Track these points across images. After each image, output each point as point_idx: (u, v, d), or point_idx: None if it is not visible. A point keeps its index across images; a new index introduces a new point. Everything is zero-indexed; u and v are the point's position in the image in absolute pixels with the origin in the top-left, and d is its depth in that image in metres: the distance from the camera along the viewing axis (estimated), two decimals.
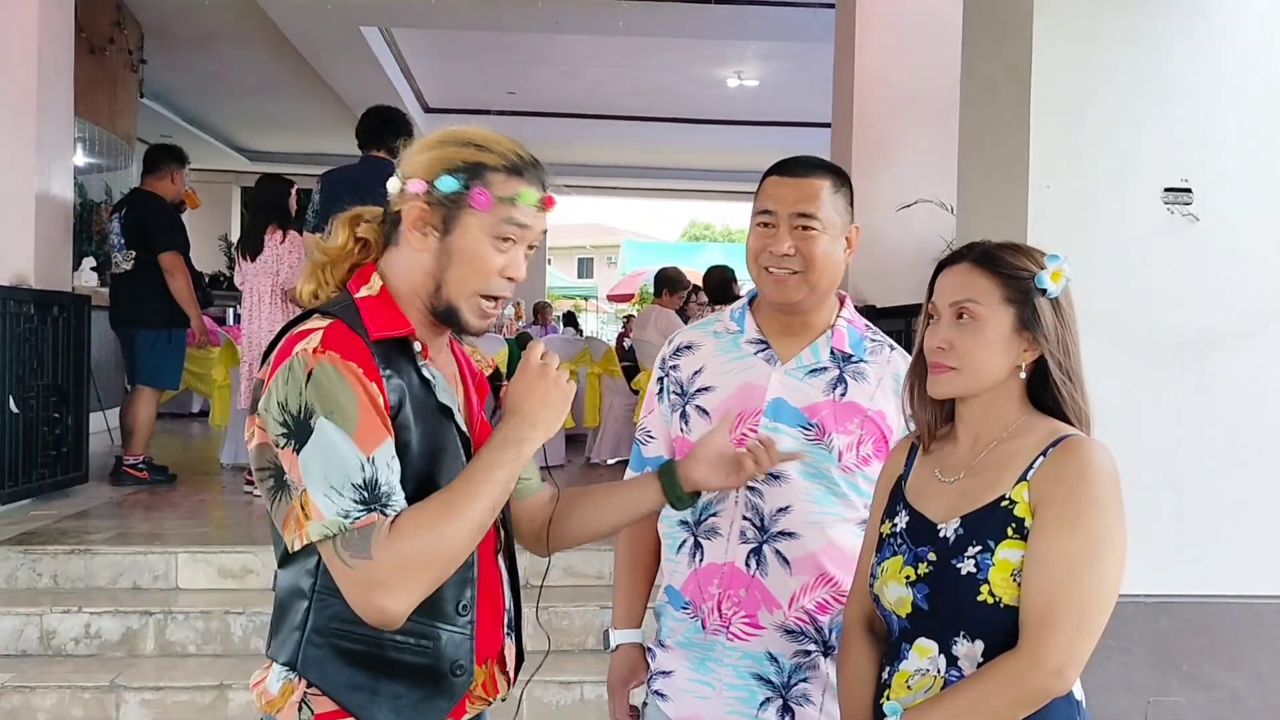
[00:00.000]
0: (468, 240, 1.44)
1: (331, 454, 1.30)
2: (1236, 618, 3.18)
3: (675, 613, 1.92)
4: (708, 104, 11.54)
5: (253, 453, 1.38)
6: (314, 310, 1.43)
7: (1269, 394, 3.18)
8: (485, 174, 1.44)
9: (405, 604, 1.32)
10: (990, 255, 1.61)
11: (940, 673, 1.55)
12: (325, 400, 1.31)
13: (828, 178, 1.86)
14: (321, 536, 1.30)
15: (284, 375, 1.33)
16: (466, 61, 10.25)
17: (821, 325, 1.91)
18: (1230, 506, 3.16)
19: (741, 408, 1.85)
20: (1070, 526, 1.47)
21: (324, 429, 1.30)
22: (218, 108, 12.02)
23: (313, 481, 1.30)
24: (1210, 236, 3.17)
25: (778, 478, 1.83)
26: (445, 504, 1.36)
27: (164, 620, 3.88)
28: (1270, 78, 3.20)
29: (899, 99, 5.46)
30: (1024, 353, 1.59)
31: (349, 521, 1.30)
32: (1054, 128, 3.17)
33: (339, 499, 1.30)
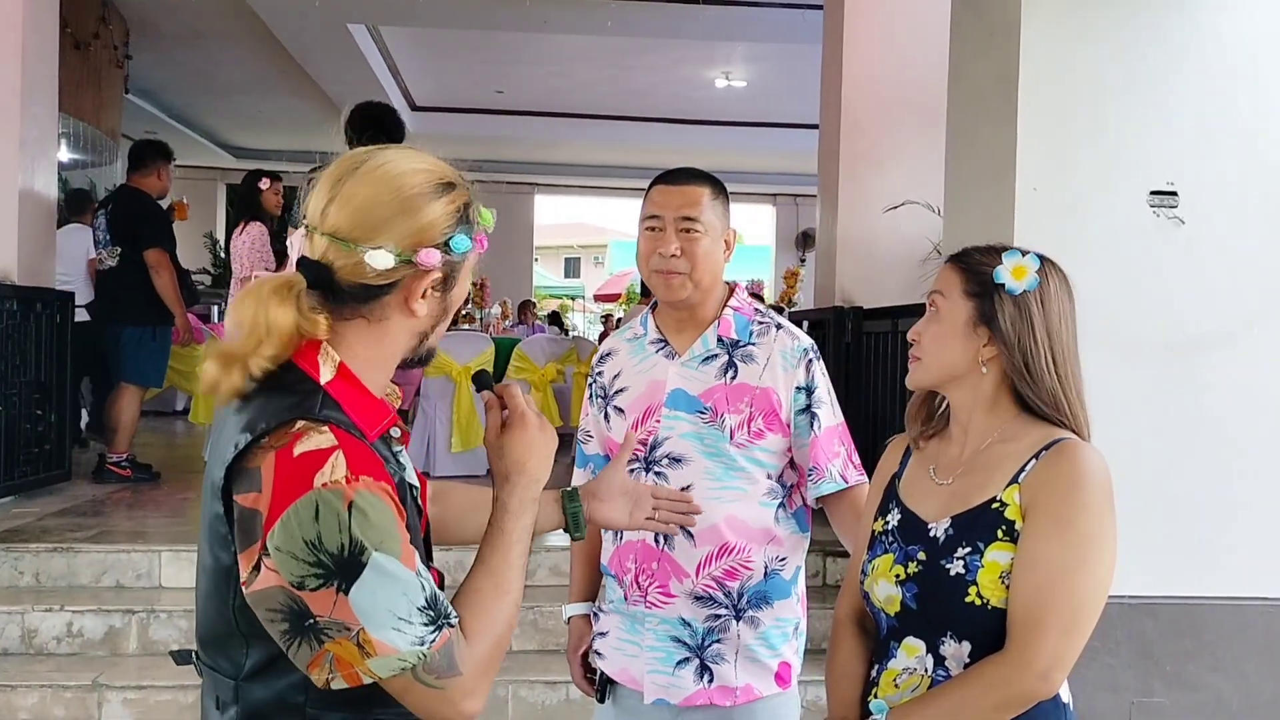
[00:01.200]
0: (463, 287, 1.36)
1: (393, 587, 1.18)
2: (1221, 619, 3.20)
3: (609, 582, 2.16)
4: (695, 105, 11.55)
5: (256, 596, 1.18)
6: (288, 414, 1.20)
7: (1254, 395, 3.20)
8: (470, 214, 1.33)
9: (484, 700, 1.28)
10: (964, 252, 1.65)
11: (928, 672, 1.55)
12: (373, 533, 1.17)
13: (707, 186, 2.06)
14: (396, 671, 1.19)
15: (309, 512, 1.15)
16: (454, 60, 10.23)
17: (709, 317, 2.09)
18: (1215, 508, 3.18)
19: (648, 403, 2.07)
20: (1060, 531, 1.48)
21: (379, 564, 1.17)
22: (203, 104, 11.97)
23: (374, 620, 1.17)
24: (1196, 239, 3.18)
25: (679, 460, 2.03)
26: (496, 587, 1.31)
27: (147, 619, 3.85)
28: (1255, 81, 3.22)
29: (887, 101, 5.47)
30: (984, 347, 1.59)
31: (426, 648, 1.20)
32: (1041, 130, 3.19)
33: (410, 629, 1.19)
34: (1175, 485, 3.14)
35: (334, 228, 1.26)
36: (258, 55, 9.52)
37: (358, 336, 1.29)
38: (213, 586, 1.27)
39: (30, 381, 5.14)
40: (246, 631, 1.24)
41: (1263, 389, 3.21)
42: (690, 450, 2.02)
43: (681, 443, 2.03)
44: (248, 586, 1.19)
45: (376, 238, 1.25)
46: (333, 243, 1.26)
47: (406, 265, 1.26)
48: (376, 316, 1.29)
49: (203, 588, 1.30)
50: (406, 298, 1.28)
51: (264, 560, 1.17)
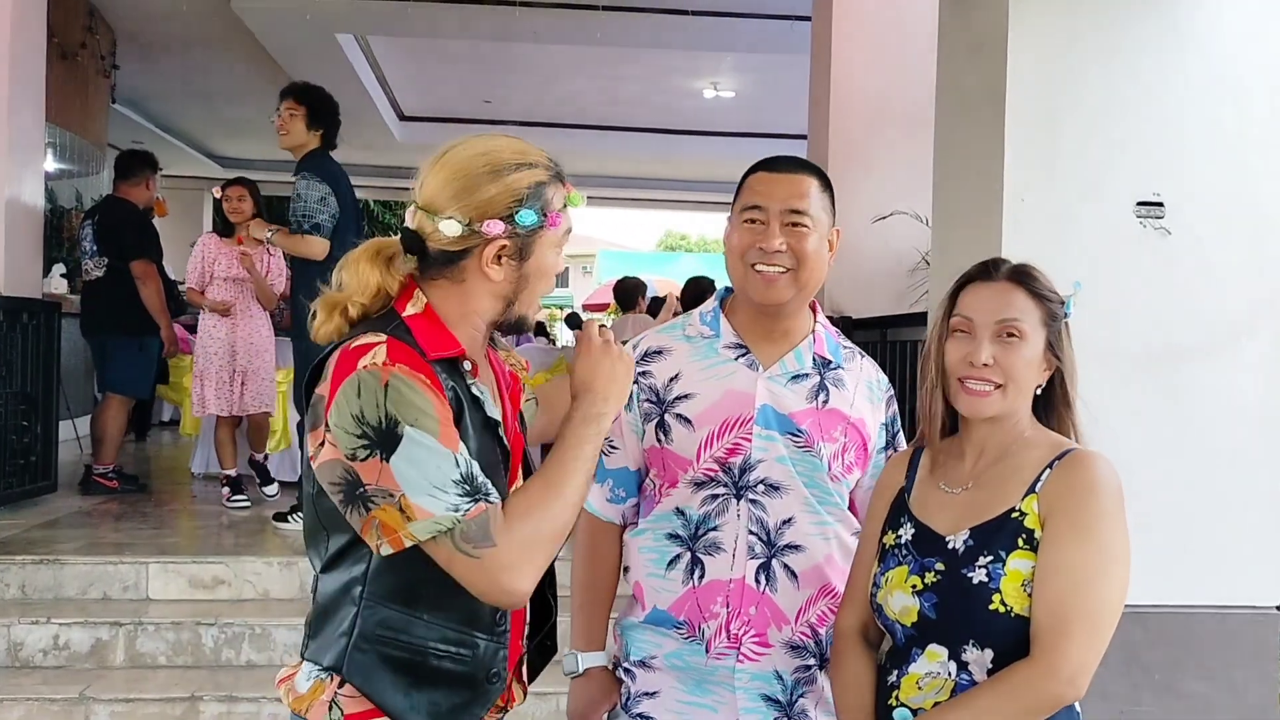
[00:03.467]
0: (544, 260, 1.51)
1: (427, 457, 1.33)
2: (1208, 628, 3.20)
3: (665, 631, 1.82)
4: (684, 115, 11.57)
5: (320, 468, 1.37)
6: (364, 329, 1.43)
7: (1238, 406, 3.21)
8: (546, 192, 1.49)
9: (531, 582, 1.37)
10: (1028, 275, 1.67)
11: (951, 676, 1.57)
12: (407, 409, 1.33)
13: (815, 176, 1.85)
14: (433, 534, 1.33)
15: (353, 389, 1.34)
16: (443, 70, 10.23)
17: (803, 330, 1.88)
18: (1201, 517, 3.19)
19: (728, 415, 1.80)
20: (1081, 538, 1.51)
21: (413, 435, 1.33)
22: (190, 114, 11.93)
23: (412, 485, 1.32)
24: (1181, 250, 3.20)
25: (777, 488, 1.79)
26: (546, 484, 1.41)
27: (134, 631, 3.84)
28: (1240, 94, 3.24)
29: (875, 112, 5.50)
30: (1044, 372, 1.66)
31: (460, 515, 1.33)
32: (1029, 141, 3.20)
33: (445, 496, 1.33)
34: (1162, 495, 3.15)
35: (424, 200, 1.47)
36: (245, 65, 9.50)
37: (444, 295, 1.48)
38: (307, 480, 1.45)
39: (16, 393, 5.12)
40: (326, 524, 1.43)
41: (1247, 399, 3.22)
42: (788, 478, 1.79)
43: (778, 468, 1.79)
44: (314, 461, 1.38)
45: (449, 209, 1.45)
46: (422, 213, 1.47)
47: (474, 234, 1.45)
48: (457, 279, 1.48)
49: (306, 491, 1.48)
50: (480, 263, 1.46)
51: (326, 437, 1.36)
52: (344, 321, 1.47)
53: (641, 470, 1.90)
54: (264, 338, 5.71)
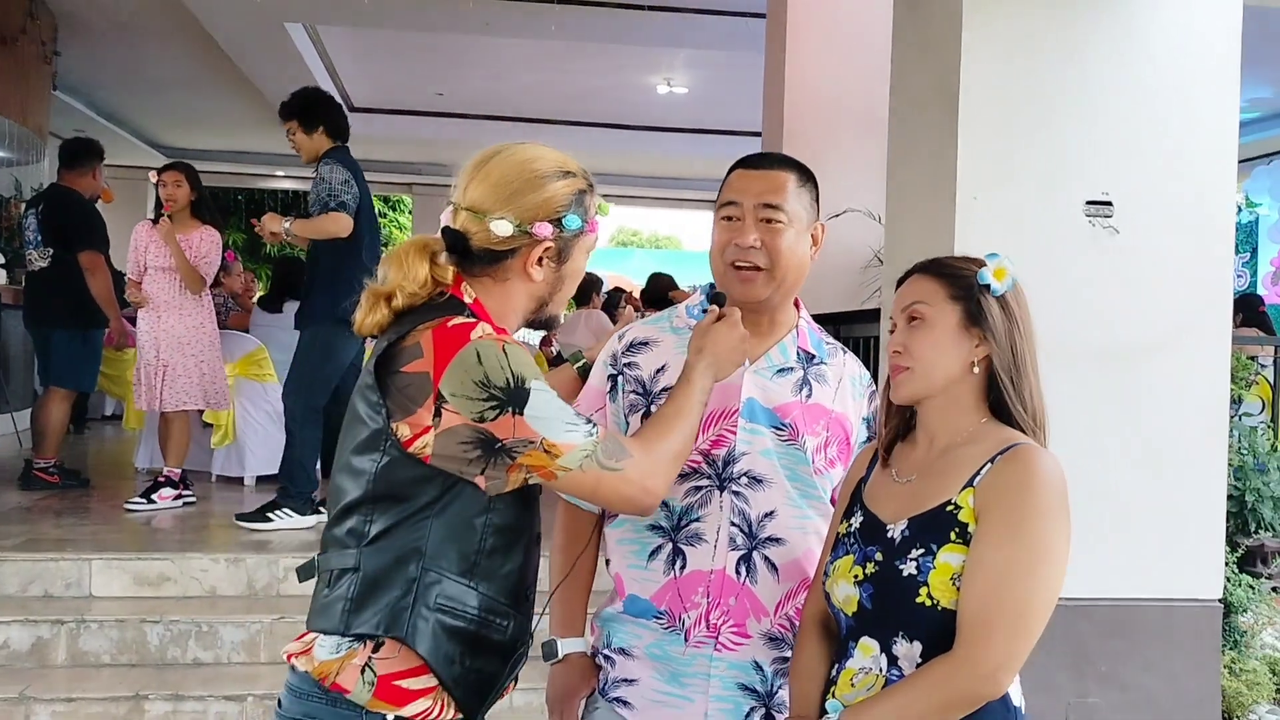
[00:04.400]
0: (577, 263, 1.67)
1: (554, 403, 1.51)
2: (1152, 620, 3.27)
3: (644, 622, 1.83)
4: (637, 110, 11.55)
5: (442, 438, 1.47)
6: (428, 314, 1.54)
7: (1185, 403, 3.27)
8: (586, 200, 1.64)
9: (666, 491, 1.62)
10: (936, 261, 1.69)
11: (882, 671, 1.57)
12: (527, 368, 1.49)
13: (793, 171, 1.85)
14: (582, 459, 1.51)
15: (472, 358, 1.47)
16: (393, 61, 10.11)
17: (787, 325, 1.89)
18: (1146, 512, 3.25)
19: (714, 408, 1.80)
20: (1012, 535, 1.50)
21: (539, 388, 1.50)
22: (134, 102, 11.69)
23: (551, 428, 1.49)
24: (1131, 248, 3.25)
25: (760, 481, 1.80)
26: (675, 410, 1.64)
27: (76, 629, 3.76)
28: (1187, 95, 3.29)
29: (829, 109, 5.51)
30: (975, 348, 1.63)
31: (597, 437, 1.53)
32: (981, 140, 3.22)
33: (578, 428, 1.52)
34: (1109, 490, 3.20)
35: (471, 202, 1.59)
36: (191, 53, 9.32)
37: (486, 292, 1.61)
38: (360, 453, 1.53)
39: None
40: (380, 494, 1.51)
41: (1193, 396, 3.28)
42: (772, 471, 1.80)
43: (762, 461, 1.80)
44: (433, 431, 1.47)
45: (501, 209, 1.57)
46: (469, 214, 1.59)
47: (524, 235, 1.58)
48: (500, 277, 1.61)
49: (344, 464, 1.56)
50: (525, 263, 1.60)
51: (443, 407, 1.47)
52: (389, 312, 1.56)
53: None
54: (189, 331, 5.34)
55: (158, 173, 5.47)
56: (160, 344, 5.29)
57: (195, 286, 5.37)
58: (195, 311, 5.38)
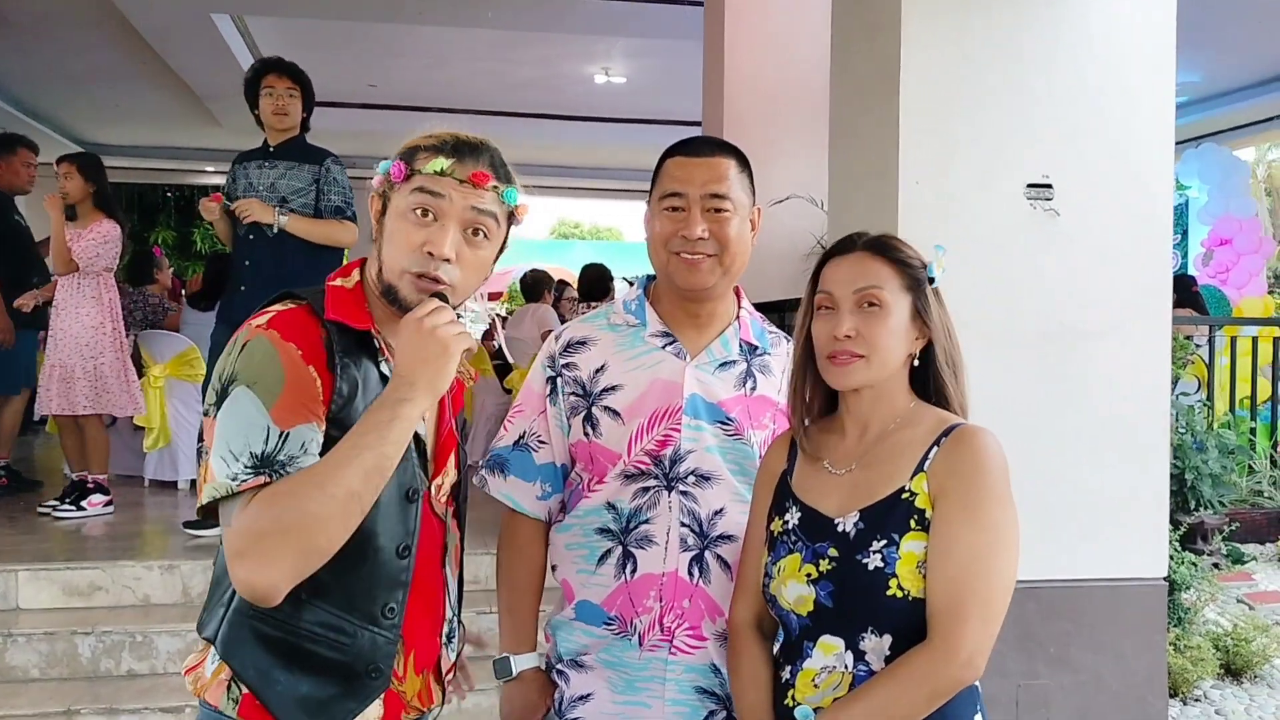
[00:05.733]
0: (393, 218, 1.47)
1: (240, 419, 1.29)
2: (1099, 600, 3.29)
3: (595, 629, 1.77)
4: (575, 100, 11.45)
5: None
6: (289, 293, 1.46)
7: (1127, 384, 3.30)
8: (418, 153, 1.48)
9: (270, 578, 1.25)
10: (885, 244, 1.64)
11: (848, 669, 1.54)
12: (249, 370, 1.32)
13: (733, 157, 1.81)
14: (210, 499, 1.29)
15: (229, 348, 1.36)
16: (324, 52, 9.88)
17: (727, 316, 1.85)
18: (1091, 494, 3.27)
19: (657, 406, 1.76)
20: (971, 518, 1.49)
21: (239, 396, 1.31)
22: (55, 96, 11.31)
23: (216, 444, 1.30)
24: (1072, 232, 3.26)
25: (708, 478, 1.76)
26: (310, 473, 1.29)
27: (3, 643, 3.61)
28: (1125, 78, 3.31)
29: (769, 97, 5.50)
30: (915, 341, 1.62)
31: (235, 485, 1.27)
32: (922, 126, 3.22)
33: (234, 463, 1.28)
34: (1054, 472, 3.22)
35: None
36: (114, 45, 9.04)
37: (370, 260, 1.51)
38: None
39: None
40: None
41: (1134, 378, 3.31)
42: (719, 467, 1.76)
43: (709, 458, 1.76)
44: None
45: None
46: None
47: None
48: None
49: None
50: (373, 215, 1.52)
51: None
52: None
53: (566, 465, 1.85)
54: (86, 332, 5.07)
55: (56, 163, 5.26)
56: (59, 346, 5.07)
57: (58, 266, 5.10)
58: (93, 312, 5.11)
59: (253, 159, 4.50)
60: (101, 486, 5.12)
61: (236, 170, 4.48)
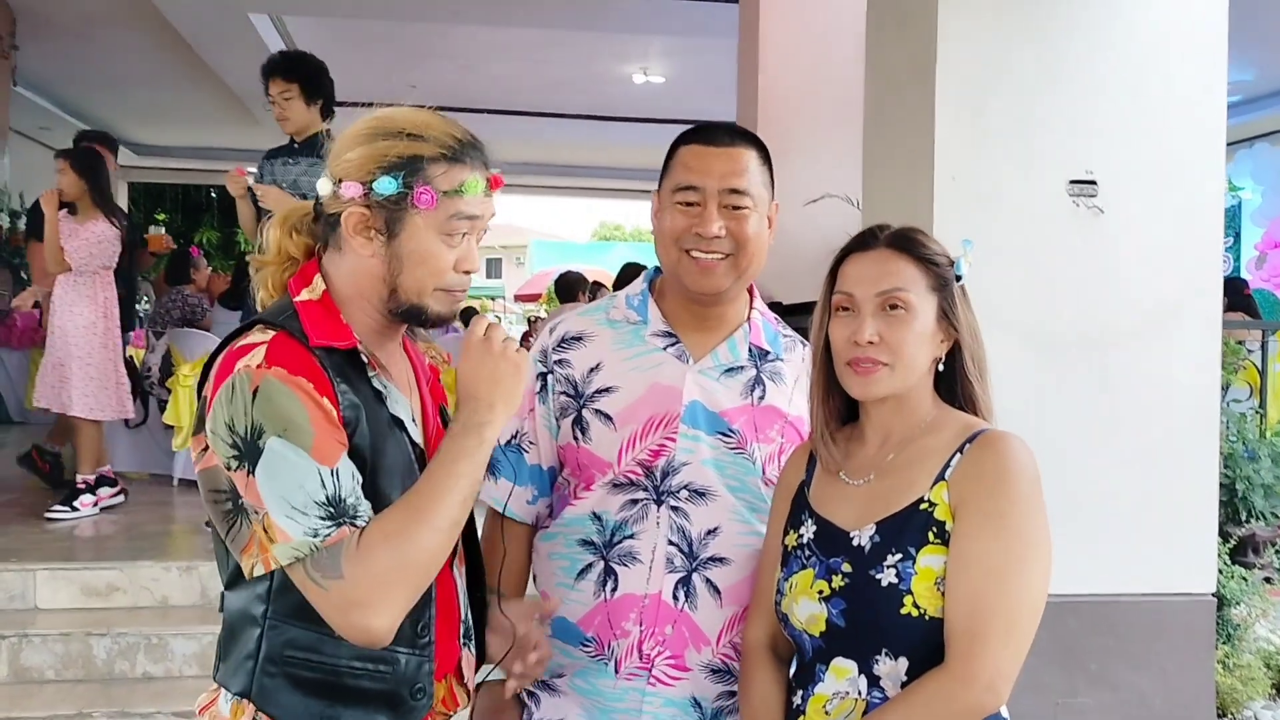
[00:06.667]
0: (417, 242, 1.36)
1: (290, 473, 1.23)
2: (1141, 616, 3.14)
3: (571, 649, 1.66)
4: (614, 100, 11.40)
5: (202, 476, 1.30)
6: (256, 320, 1.34)
7: (1170, 390, 3.15)
8: (425, 168, 1.35)
9: (389, 619, 1.25)
10: (910, 240, 1.51)
11: (861, 695, 1.42)
12: (275, 418, 1.24)
13: (753, 147, 1.69)
14: (291, 560, 1.23)
15: (227, 394, 1.26)
16: (363, 53, 9.92)
17: (737, 318, 1.71)
18: (1133, 504, 3.13)
19: (654, 412, 1.63)
20: (995, 529, 1.37)
21: (276, 448, 1.23)
22: (98, 98, 11.46)
23: (273, 504, 1.23)
24: (1114, 230, 3.13)
25: (702, 494, 1.62)
26: (411, 508, 1.28)
27: (19, 643, 3.59)
28: (1166, 71, 3.17)
29: (804, 94, 5.39)
30: (940, 344, 1.50)
31: (319, 540, 1.23)
32: (959, 120, 3.11)
33: (304, 519, 1.23)
34: (1094, 481, 3.08)
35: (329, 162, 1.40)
36: (154, 46, 9.12)
37: (335, 267, 1.39)
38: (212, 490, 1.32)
39: None
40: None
41: (1176, 383, 3.16)
42: (714, 483, 1.62)
43: (704, 471, 1.62)
44: (197, 466, 1.30)
45: (330, 166, 1.38)
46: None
47: (337, 198, 1.36)
48: (338, 247, 1.38)
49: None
50: (346, 230, 1.36)
51: (208, 442, 1.28)
52: (269, 292, 1.42)
53: (554, 468, 1.73)
54: (79, 331, 4.96)
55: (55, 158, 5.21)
56: (56, 344, 5.01)
57: (51, 265, 5.01)
58: (87, 311, 5.03)
59: (280, 155, 4.47)
60: (92, 486, 5.07)
61: (264, 166, 4.46)
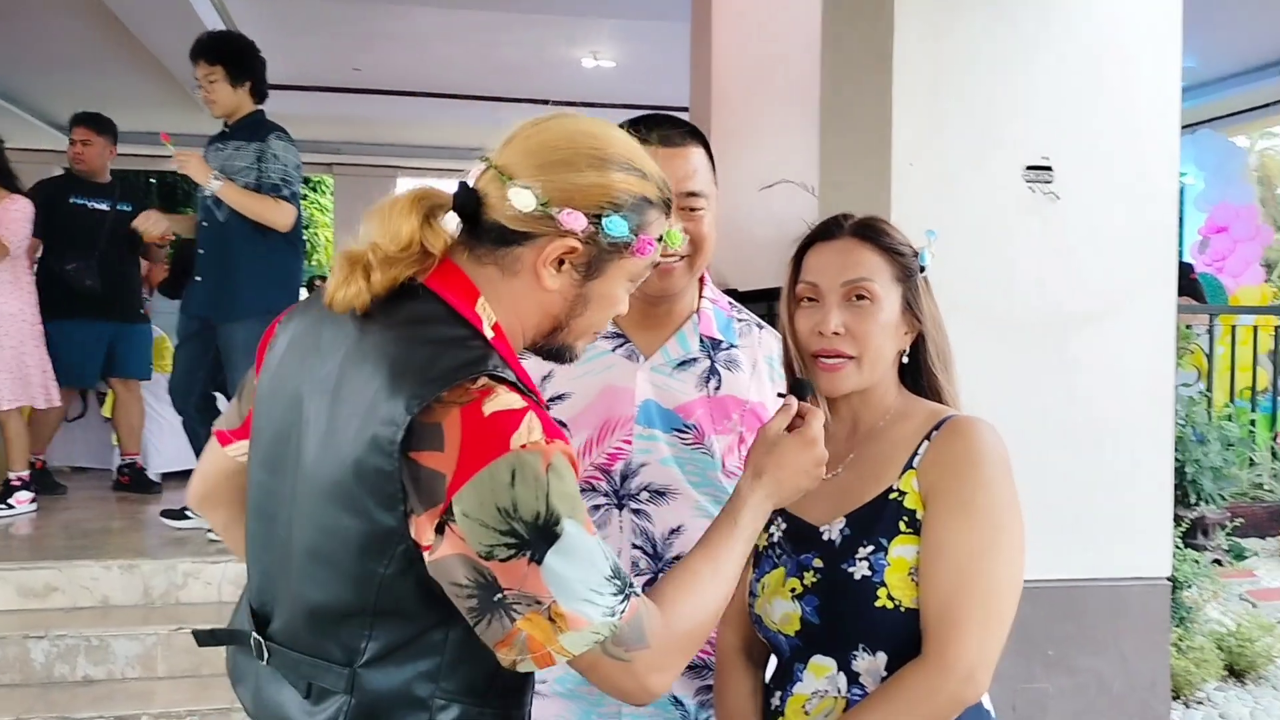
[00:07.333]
0: (613, 288, 1.25)
1: (585, 557, 1.11)
2: (1100, 601, 3.16)
3: None
4: (564, 85, 11.27)
5: (440, 564, 1.09)
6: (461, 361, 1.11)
7: (1128, 374, 3.16)
8: (648, 212, 1.23)
9: (675, 678, 1.20)
10: (875, 229, 1.48)
11: (841, 693, 1.38)
12: (568, 501, 1.10)
13: (699, 143, 1.62)
14: (592, 643, 1.11)
15: (507, 475, 1.06)
16: (306, 35, 9.71)
17: (685, 310, 1.66)
18: (1091, 488, 3.13)
19: (607, 416, 1.58)
20: (967, 514, 1.34)
21: (572, 533, 1.10)
22: (32, 81, 11.10)
23: (567, 591, 1.09)
24: (1071, 215, 3.13)
25: (663, 494, 1.58)
26: (712, 571, 1.25)
27: None
28: (1125, 56, 3.17)
29: (758, 79, 5.34)
30: (904, 336, 1.48)
31: (616, 619, 1.12)
32: (916, 105, 3.08)
33: (600, 599, 1.11)
34: (1052, 467, 3.08)
35: (501, 160, 1.21)
36: (89, 26, 8.85)
37: (494, 289, 1.20)
38: (352, 554, 1.13)
39: None
40: (382, 609, 1.14)
41: (1135, 367, 3.17)
42: (676, 480, 1.58)
43: (663, 471, 1.58)
44: (431, 553, 1.10)
45: (530, 177, 1.18)
46: (494, 174, 1.21)
47: (546, 219, 1.17)
48: (509, 269, 1.20)
49: (328, 556, 1.15)
50: (538, 259, 1.19)
51: (449, 526, 1.08)
52: (365, 285, 1.16)
53: None
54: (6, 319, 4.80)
55: None
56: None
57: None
58: (13, 299, 4.86)
59: (215, 141, 4.39)
60: (28, 482, 4.91)
61: (205, 154, 4.35)
